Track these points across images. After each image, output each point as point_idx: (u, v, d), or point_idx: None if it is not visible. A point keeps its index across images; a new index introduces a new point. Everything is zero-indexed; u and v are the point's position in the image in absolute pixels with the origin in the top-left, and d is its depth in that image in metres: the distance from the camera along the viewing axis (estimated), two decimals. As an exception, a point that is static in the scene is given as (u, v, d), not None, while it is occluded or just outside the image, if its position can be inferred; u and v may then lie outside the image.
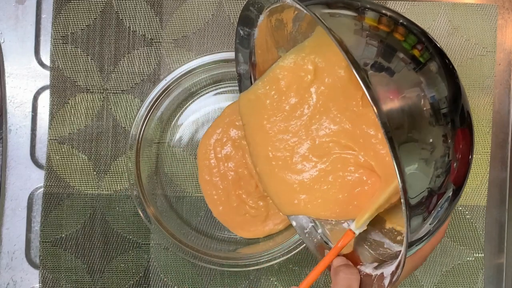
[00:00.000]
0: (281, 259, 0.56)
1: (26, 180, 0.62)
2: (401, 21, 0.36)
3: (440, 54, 0.36)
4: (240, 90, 0.52)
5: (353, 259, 0.44)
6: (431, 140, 0.33)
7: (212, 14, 0.62)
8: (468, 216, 0.61)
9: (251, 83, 0.51)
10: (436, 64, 0.35)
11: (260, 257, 0.56)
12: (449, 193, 0.35)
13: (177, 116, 0.61)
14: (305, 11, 0.35)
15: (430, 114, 0.33)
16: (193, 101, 0.61)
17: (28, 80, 0.62)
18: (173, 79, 0.56)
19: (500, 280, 0.62)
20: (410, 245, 0.35)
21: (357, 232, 0.42)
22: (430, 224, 0.35)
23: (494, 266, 0.62)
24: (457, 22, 0.61)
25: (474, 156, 0.60)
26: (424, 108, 0.33)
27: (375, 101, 0.31)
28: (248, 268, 0.56)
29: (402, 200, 0.32)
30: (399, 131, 0.32)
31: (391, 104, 0.32)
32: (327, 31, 0.33)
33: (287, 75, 0.48)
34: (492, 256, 0.62)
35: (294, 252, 0.55)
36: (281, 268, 0.61)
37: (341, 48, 0.32)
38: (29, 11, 0.62)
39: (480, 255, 0.61)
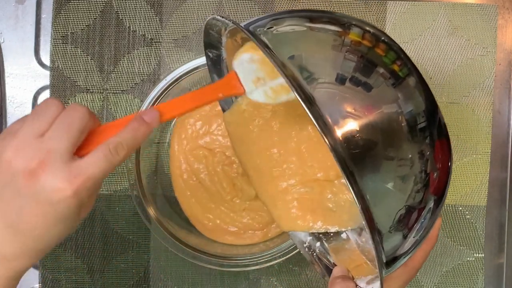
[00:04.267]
0: (281, 259, 0.55)
1: (26, 180, 0.62)
2: (383, 38, 0.36)
3: (416, 70, 0.36)
4: (223, 110, 0.51)
5: (354, 271, 0.43)
6: (409, 156, 0.33)
7: (212, 14, 0.62)
8: (468, 216, 0.61)
9: (232, 101, 0.50)
10: (414, 79, 0.35)
11: (260, 257, 0.56)
12: (430, 205, 0.35)
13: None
14: (250, 37, 0.35)
15: (407, 130, 0.33)
16: (193, 101, 0.61)
17: (28, 80, 0.62)
18: (173, 79, 0.56)
19: (500, 280, 0.62)
20: (396, 258, 0.35)
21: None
22: (414, 237, 0.35)
23: (494, 266, 0.62)
24: (457, 22, 0.61)
25: (474, 156, 0.61)
26: (402, 124, 0.33)
27: (324, 133, 0.31)
28: (248, 268, 0.56)
29: (367, 229, 0.32)
30: (373, 151, 0.32)
31: (363, 121, 0.32)
32: (266, 53, 0.33)
33: None
34: (492, 256, 0.62)
35: (294, 252, 0.55)
36: (281, 268, 0.61)
37: (283, 75, 0.32)
38: (29, 11, 0.62)
39: (480, 255, 0.61)
